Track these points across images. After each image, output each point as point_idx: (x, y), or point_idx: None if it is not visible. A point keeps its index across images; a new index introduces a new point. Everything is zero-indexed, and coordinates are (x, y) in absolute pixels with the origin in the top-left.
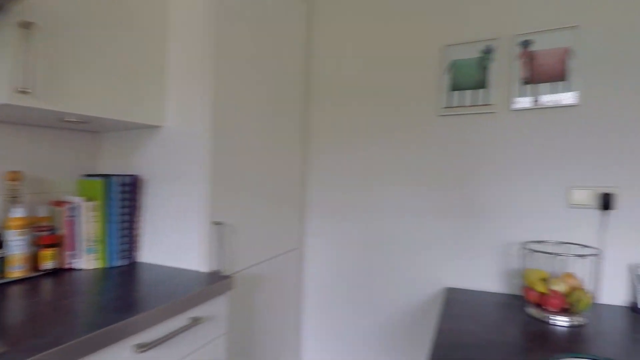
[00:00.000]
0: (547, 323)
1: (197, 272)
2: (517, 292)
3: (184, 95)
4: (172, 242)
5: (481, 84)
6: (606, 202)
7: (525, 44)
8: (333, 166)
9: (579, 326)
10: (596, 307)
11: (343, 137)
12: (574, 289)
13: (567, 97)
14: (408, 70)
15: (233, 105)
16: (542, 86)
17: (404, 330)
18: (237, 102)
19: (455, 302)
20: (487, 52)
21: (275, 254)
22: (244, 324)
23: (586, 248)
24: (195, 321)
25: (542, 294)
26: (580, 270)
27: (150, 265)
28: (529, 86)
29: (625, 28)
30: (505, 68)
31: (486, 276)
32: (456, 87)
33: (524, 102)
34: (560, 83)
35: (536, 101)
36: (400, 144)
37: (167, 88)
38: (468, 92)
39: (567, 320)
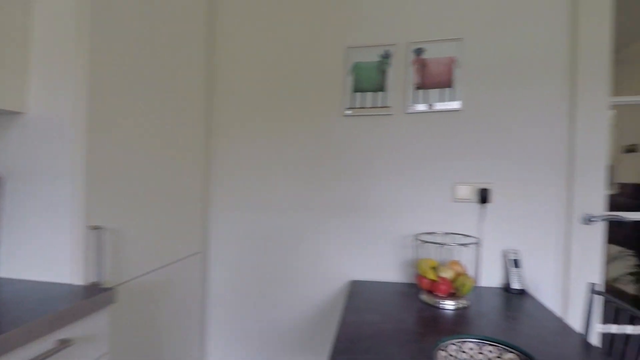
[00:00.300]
0: (438, 308)
1: (69, 286)
2: (413, 280)
3: (53, 74)
4: (37, 251)
5: (380, 87)
6: (484, 197)
7: (419, 51)
8: (238, 165)
9: (464, 308)
10: (477, 290)
11: (249, 136)
12: (459, 275)
13: (453, 103)
14: (314, 70)
15: (117, 92)
16: (432, 92)
17: (313, 325)
18: (122, 88)
19: (358, 294)
20: (386, 56)
21: (174, 259)
22: (138, 339)
23: (468, 237)
24: (64, 343)
25: (433, 281)
26: (465, 257)
27: (10, 280)
28: (421, 91)
29: (499, 43)
30: (401, 73)
31: (386, 267)
32: (358, 88)
33: (417, 105)
34: (448, 90)
35: (429, 105)
36: (307, 142)
37: (31, 64)
38: (369, 94)
39: (454, 303)
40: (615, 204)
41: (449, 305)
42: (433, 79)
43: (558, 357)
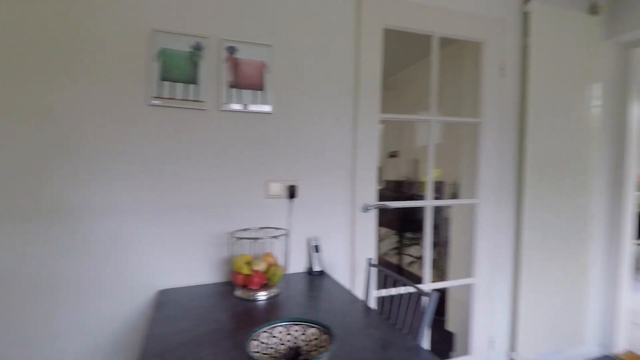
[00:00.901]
0: (252, 300)
1: None
2: (230, 278)
3: None
4: None
5: (192, 80)
6: (292, 192)
7: (231, 49)
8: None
9: (275, 296)
10: (287, 277)
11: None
12: (271, 266)
13: (265, 105)
14: (113, 51)
15: None
16: (246, 92)
17: (117, 345)
18: None
19: (168, 303)
20: (198, 48)
21: None
22: None
23: (279, 230)
24: None
25: (247, 275)
26: (277, 248)
27: None
28: (234, 90)
29: (304, 57)
30: (214, 68)
31: (201, 270)
32: (167, 77)
33: (232, 104)
34: (259, 92)
35: (243, 105)
36: (107, 134)
37: None
38: (180, 85)
39: (266, 293)
40: (382, 196)
41: (261, 296)
42: (246, 79)
43: (348, 323)
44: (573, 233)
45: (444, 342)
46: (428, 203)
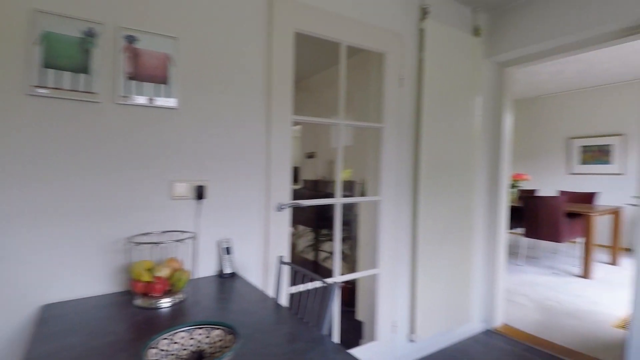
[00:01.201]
0: (154, 308)
1: None
2: (128, 287)
3: None
4: None
5: (83, 69)
6: (200, 193)
7: (131, 39)
8: None
9: (180, 302)
10: (195, 281)
11: None
12: (175, 271)
13: (169, 100)
14: None
15: None
16: (147, 85)
17: None
18: None
19: (55, 318)
20: (90, 35)
21: None
22: None
23: (185, 233)
24: None
25: (148, 282)
26: (183, 253)
27: None
28: (134, 82)
29: (213, 52)
30: (110, 58)
31: (97, 280)
32: (51, 64)
33: (131, 97)
34: (163, 86)
35: (144, 99)
36: None
37: None
38: (67, 74)
39: (170, 300)
40: (301, 195)
41: (165, 303)
42: (147, 72)
43: (256, 321)
44: (460, 224)
45: (354, 331)
46: (337, 201)
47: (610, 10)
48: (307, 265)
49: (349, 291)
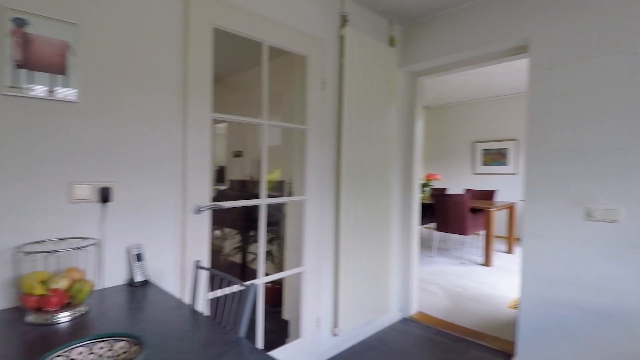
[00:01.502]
0: (50, 324)
1: None
2: (17, 303)
3: None
4: None
5: None
6: (105, 196)
7: (19, 22)
8: None
9: (82, 315)
10: (101, 292)
11: None
12: (75, 282)
13: (67, 92)
14: None
15: None
16: (40, 75)
17: None
18: None
19: None
20: None
21: None
22: None
23: (87, 240)
24: None
25: (42, 296)
26: (84, 262)
27: None
28: (24, 71)
29: (121, 43)
30: None
31: None
32: None
33: (20, 87)
34: (60, 76)
35: (35, 90)
36: None
37: None
38: None
39: (69, 313)
40: (227, 195)
41: (63, 317)
42: (40, 60)
43: (169, 329)
44: (378, 221)
45: (280, 331)
46: (262, 201)
47: (505, 30)
48: (234, 268)
49: (276, 291)
